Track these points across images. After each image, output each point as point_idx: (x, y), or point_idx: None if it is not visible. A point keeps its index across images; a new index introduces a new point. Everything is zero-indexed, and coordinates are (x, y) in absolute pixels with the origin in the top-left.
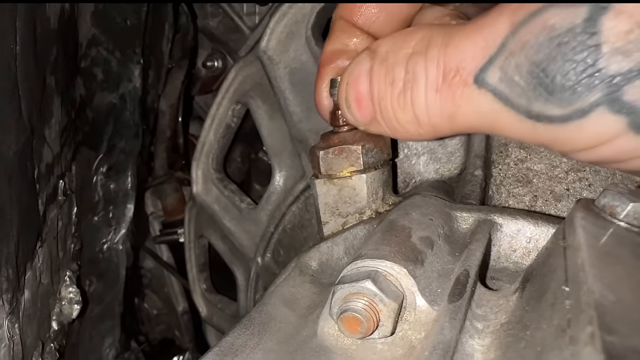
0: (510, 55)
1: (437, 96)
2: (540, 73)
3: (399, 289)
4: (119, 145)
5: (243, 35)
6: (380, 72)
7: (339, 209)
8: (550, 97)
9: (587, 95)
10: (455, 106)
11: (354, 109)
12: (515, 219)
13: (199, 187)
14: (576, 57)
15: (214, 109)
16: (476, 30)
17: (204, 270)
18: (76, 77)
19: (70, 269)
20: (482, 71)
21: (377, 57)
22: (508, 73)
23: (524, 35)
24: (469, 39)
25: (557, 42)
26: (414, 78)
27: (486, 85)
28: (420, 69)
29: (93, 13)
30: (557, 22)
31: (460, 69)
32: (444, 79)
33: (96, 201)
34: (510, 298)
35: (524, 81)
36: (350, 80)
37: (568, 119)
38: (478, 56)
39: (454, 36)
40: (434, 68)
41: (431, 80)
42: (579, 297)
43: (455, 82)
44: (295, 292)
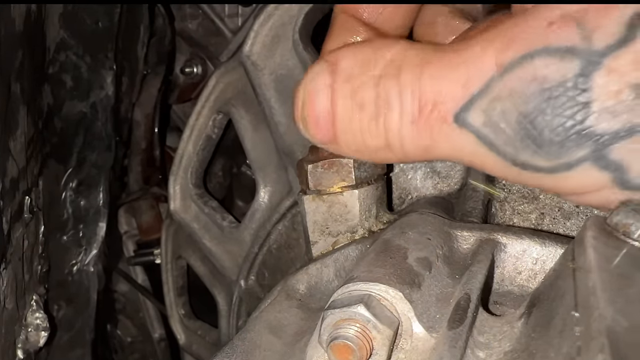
0: (495, 100)
1: (413, 128)
2: (528, 125)
3: (394, 315)
4: (90, 159)
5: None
6: (345, 92)
7: (329, 227)
8: (538, 150)
9: (574, 151)
10: (432, 141)
11: (312, 127)
12: (520, 239)
13: (176, 204)
14: (566, 113)
15: (193, 119)
16: (456, 62)
17: (183, 294)
18: (43, 85)
19: (37, 292)
20: (463, 110)
21: (339, 72)
22: (493, 118)
23: (512, 81)
24: (448, 71)
25: (548, 95)
26: (388, 104)
27: (468, 126)
28: (394, 95)
29: (62, 15)
30: (549, 74)
31: (438, 104)
32: (420, 112)
33: (65, 219)
34: (515, 324)
35: (511, 130)
36: (307, 95)
37: (554, 171)
38: (458, 94)
39: (430, 64)
40: (408, 97)
41: (406, 110)
42: (589, 323)
43: (433, 117)
44: (281, 318)
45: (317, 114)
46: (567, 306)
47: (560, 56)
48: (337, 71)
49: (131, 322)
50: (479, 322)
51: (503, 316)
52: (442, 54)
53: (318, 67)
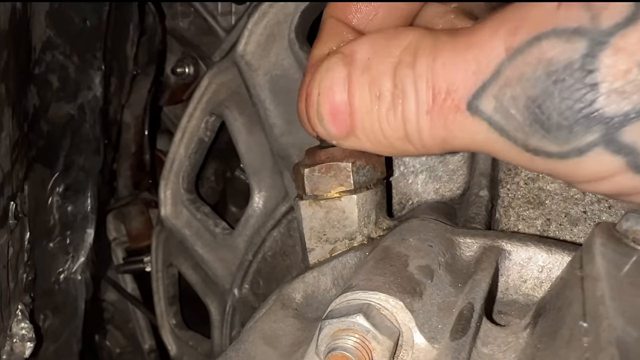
0: (505, 85)
1: (428, 118)
2: (536, 109)
3: (395, 325)
4: (78, 163)
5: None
6: (363, 83)
7: (327, 234)
8: (547, 135)
9: (584, 135)
10: (447, 131)
11: (328, 122)
12: (525, 246)
13: (167, 210)
14: (573, 96)
15: (185, 121)
16: (467, 48)
17: (174, 304)
18: (29, 85)
19: (23, 301)
20: (475, 98)
21: (355, 64)
22: (504, 104)
23: (521, 66)
24: (459, 58)
25: (554, 78)
26: (404, 93)
27: (480, 113)
28: (409, 83)
29: (48, 13)
30: (555, 56)
31: (451, 92)
32: (434, 100)
33: (52, 225)
34: (521, 335)
35: (520, 115)
36: (323, 89)
37: (565, 156)
38: (470, 80)
39: (442, 50)
40: (423, 85)
41: (421, 99)
42: (598, 334)
43: (446, 106)
44: (276, 328)
45: (335, 107)
46: (574, 316)
47: (566, 37)
48: (353, 62)
49: (120, 332)
50: (483, 333)
51: (508, 326)
52: (454, 39)
53: (333, 59)
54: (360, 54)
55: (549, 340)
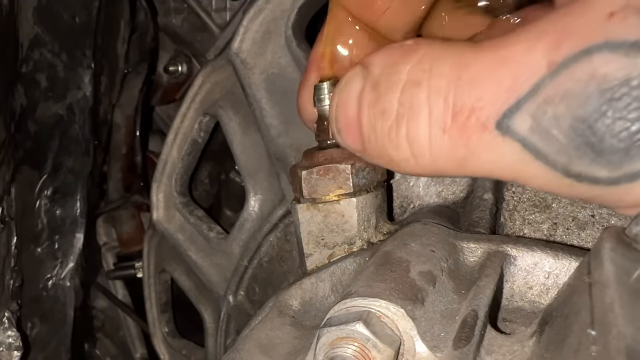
0: (545, 103)
1: (445, 137)
2: (586, 130)
3: (396, 333)
4: (67, 164)
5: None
6: (370, 98)
7: (325, 238)
8: (597, 159)
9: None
10: (468, 152)
11: (344, 135)
12: (531, 251)
13: (160, 213)
14: (630, 116)
15: (178, 122)
16: (500, 62)
17: (166, 311)
18: (16, 85)
19: (9, 309)
20: (507, 116)
21: (369, 77)
22: (543, 124)
23: (566, 82)
24: (491, 74)
25: (609, 96)
26: (411, 111)
27: (512, 133)
28: (421, 101)
29: (36, 9)
30: (610, 73)
31: (476, 109)
32: (454, 119)
33: (39, 230)
34: (526, 343)
35: (564, 136)
36: (340, 101)
37: (616, 182)
38: (501, 97)
39: (469, 66)
40: (440, 103)
41: (436, 117)
42: (607, 342)
43: (470, 124)
44: (273, 337)
45: (348, 121)
46: (582, 324)
47: (624, 52)
48: (368, 76)
49: (111, 341)
50: (487, 341)
51: (513, 334)
52: (481, 53)
53: (353, 71)
54: (374, 67)
55: (556, 349)
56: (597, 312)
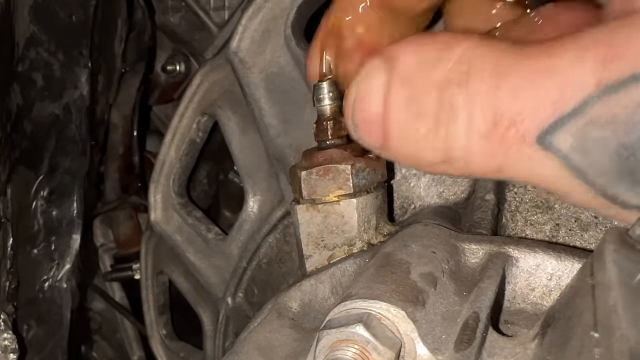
0: (590, 124)
1: (484, 144)
2: (631, 158)
3: (396, 335)
4: (63, 165)
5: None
6: (402, 97)
7: (325, 240)
8: (635, 187)
9: None
10: (506, 162)
11: (362, 132)
12: (533, 252)
13: (157, 214)
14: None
15: (176, 122)
16: (545, 73)
17: (164, 313)
18: (12, 84)
19: (5, 311)
20: (549, 132)
21: (396, 72)
22: (586, 145)
23: (614, 106)
24: (533, 85)
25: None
26: (450, 115)
27: (554, 150)
28: (460, 104)
29: (32, 7)
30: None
31: (516, 122)
32: (493, 127)
33: (36, 231)
34: (529, 346)
35: (607, 160)
36: (359, 95)
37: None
38: (545, 111)
39: (509, 74)
40: (478, 110)
41: (476, 124)
42: (610, 345)
43: (510, 135)
44: (272, 339)
45: (369, 117)
46: (585, 326)
47: None
48: (394, 70)
49: (108, 343)
50: (489, 344)
51: (515, 337)
52: (523, 60)
53: (375, 62)
54: (403, 61)
55: (559, 351)
56: (600, 314)
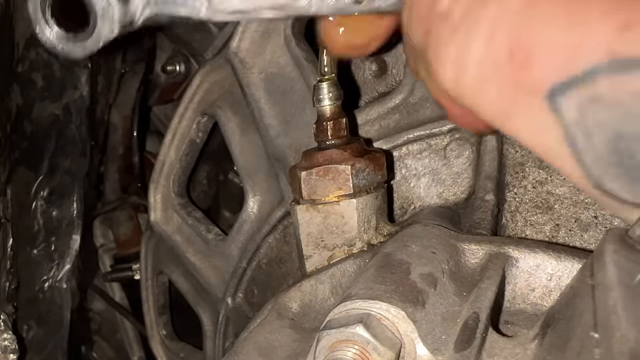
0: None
1: (495, 75)
2: (624, 151)
3: (396, 336)
4: (63, 165)
5: (210, 34)
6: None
7: (325, 240)
8: (626, 185)
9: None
10: (515, 108)
11: (413, 27)
12: (533, 252)
13: (157, 215)
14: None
15: (176, 122)
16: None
17: (164, 313)
18: (12, 84)
19: (5, 311)
20: (559, 93)
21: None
22: (587, 122)
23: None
24: (557, 30)
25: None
26: (473, 24)
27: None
28: (484, 18)
29: None
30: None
31: (532, 63)
32: (510, 58)
33: (36, 231)
34: (529, 346)
35: (603, 147)
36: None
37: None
38: (558, 63)
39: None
40: (502, 29)
41: (496, 45)
42: (610, 345)
43: (523, 77)
44: (272, 339)
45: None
46: (585, 326)
47: None
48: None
49: (108, 343)
50: (489, 344)
51: (515, 337)
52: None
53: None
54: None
55: (559, 352)
56: (600, 314)
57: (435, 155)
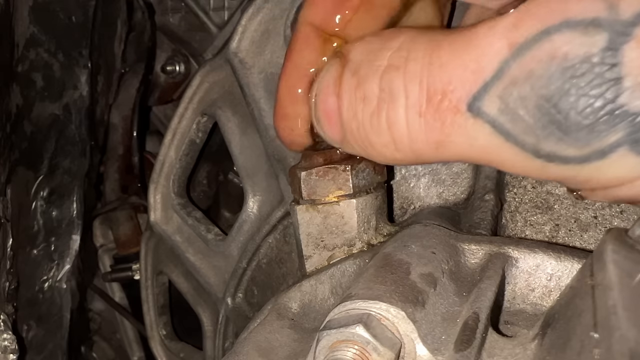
0: (511, 84)
1: (422, 121)
2: (551, 109)
3: (396, 336)
4: (63, 165)
5: (210, 35)
6: (350, 85)
7: (324, 240)
8: (564, 137)
9: (606, 134)
10: (444, 135)
11: (324, 124)
12: (533, 253)
13: (157, 215)
14: (593, 92)
15: (176, 122)
16: (465, 47)
17: (164, 313)
18: (11, 84)
19: (5, 311)
20: (477, 99)
21: (348, 65)
22: (510, 105)
23: (529, 63)
24: (457, 58)
25: (571, 74)
26: (391, 96)
27: (483, 115)
28: (398, 86)
29: (32, 8)
30: (570, 51)
31: (447, 92)
32: (428, 102)
33: (35, 231)
34: (528, 346)
35: (530, 116)
36: (319, 90)
37: (585, 160)
38: (469, 80)
39: (439, 51)
40: (415, 87)
41: (413, 101)
42: (610, 345)
43: (444, 107)
44: (272, 339)
45: (327, 108)
46: (585, 326)
47: (582, 30)
48: (346, 64)
49: (108, 343)
50: (489, 344)
51: (515, 337)
52: (451, 37)
53: (332, 60)
54: (353, 54)
55: (559, 352)
56: (600, 314)
57: None
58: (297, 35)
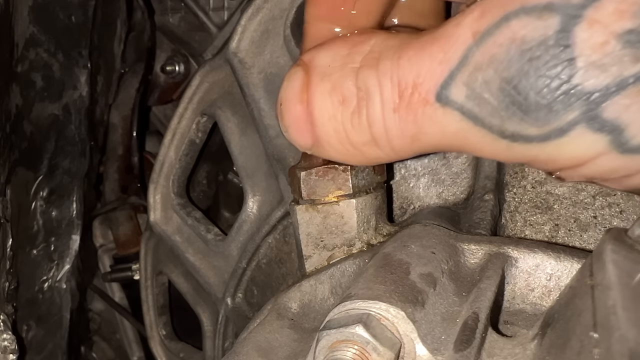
0: (476, 70)
1: (396, 116)
2: (512, 90)
3: (396, 336)
4: (62, 165)
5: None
6: (323, 89)
7: (324, 240)
8: (525, 117)
9: (564, 113)
10: (417, 127)
11: (292, 133)
12: (533, 252)
13: (157, 215)
14: (550, 73)
15: (175, 122)
16: (432, 41)
17: (164, 313)
18: (11, 84)
19: (5, 311)
20: (444, 88)
21: (314, 70)
22: (475, 90)
23: (491, 48)
24: (424, 51)
25: (529, 56)
26: (368, 95)
27: (451, 103)
28: (373, 84)
29: (31, 8)
30: (527, 34)
31: (417, 85)
32: (400, 97)
33: (35, 231)
34: (528, 346)
35: (494, 99)
36: (284, 100)
37: (546, 139)
38: (436, 70)
39: (408, 47)
40: (387, 83)
41: (387, 98)
42: (610, 345)
43: (414, 100)
44: (271, 340)
45: (296, 115)
46: (584, 326)
47: (537, 14)
48: (312, 69)
49: (107, 344)
50: (489, 344)
51: (514, 337)
52: (420, 36)
53: (293, 69)
54: (320, 59)
55: (558, 351)
56: (599, 314)
57: (435, 156)
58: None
